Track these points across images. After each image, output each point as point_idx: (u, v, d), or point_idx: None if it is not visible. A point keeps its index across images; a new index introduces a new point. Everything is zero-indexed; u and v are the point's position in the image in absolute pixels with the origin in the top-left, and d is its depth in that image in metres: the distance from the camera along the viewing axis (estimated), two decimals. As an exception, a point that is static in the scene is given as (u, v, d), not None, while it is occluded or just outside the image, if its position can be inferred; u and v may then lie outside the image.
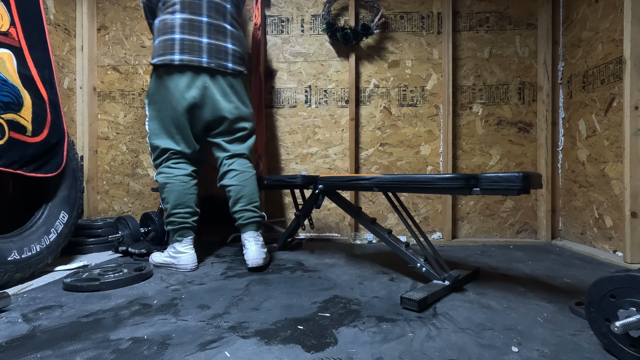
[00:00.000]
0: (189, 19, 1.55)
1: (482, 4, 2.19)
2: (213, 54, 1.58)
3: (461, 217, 2.20)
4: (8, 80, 1.36)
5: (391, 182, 1.24)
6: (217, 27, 1.60)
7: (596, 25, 1.85)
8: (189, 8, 1.55)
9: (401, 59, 2.22)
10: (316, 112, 2.26)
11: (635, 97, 1.57)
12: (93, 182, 2.31)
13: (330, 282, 1.36)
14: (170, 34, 1.54)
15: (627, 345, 0.75)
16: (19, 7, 1.44)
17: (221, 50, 1.60)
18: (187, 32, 1.54)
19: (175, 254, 1.54)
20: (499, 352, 0.82)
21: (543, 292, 1.22)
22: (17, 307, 1.11)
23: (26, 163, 1.39)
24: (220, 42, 1.60)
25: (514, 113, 2.18)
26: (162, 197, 1.59)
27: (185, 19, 1.54)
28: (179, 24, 1.54)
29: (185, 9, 1.55)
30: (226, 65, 1.61)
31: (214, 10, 1.60)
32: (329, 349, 0.84)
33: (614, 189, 1.74)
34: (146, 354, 0.82)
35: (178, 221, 1.55)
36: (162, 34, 1.56)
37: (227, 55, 1.62)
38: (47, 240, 1.46)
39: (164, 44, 1.54)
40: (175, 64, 1.52)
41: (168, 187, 1.56)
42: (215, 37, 1.59)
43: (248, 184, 1.61)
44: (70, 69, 2.20)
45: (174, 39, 1.53)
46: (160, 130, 1.60)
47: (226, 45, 1.62)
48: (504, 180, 1.00)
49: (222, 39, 1.61)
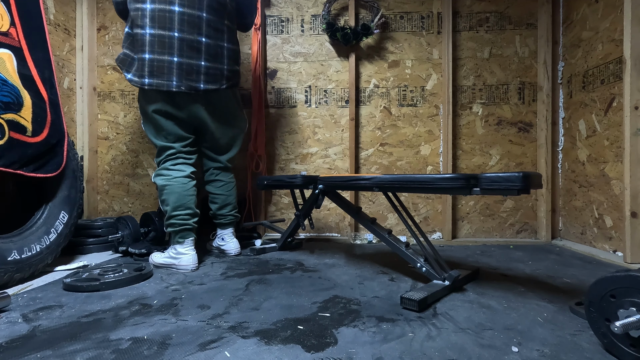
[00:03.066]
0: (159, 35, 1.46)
1: (482, 4, 2.19)
2: (184, 75, 1.49)
3: (461, 217, 2.20)
4: (8, 80, 1.36)
5: (391, 182, 1.24)
6: (189, 42, 1.49)
7: (596, 25, 1.85)
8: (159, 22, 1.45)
9: (401, 59, 2.22)
10: (316, 112, 2.26)
11: (635, 97, 1.57)
12: (93, 182, 2.31)
13: (330, 282, 1.36)
14: (140, 52, 1.47)
15: (627, 345, 0.75)
16: (19, 7, 1.44)
17: (192, 71, 1.50)
18: (157, 50, 1.46)
19: (176, 255, 1.54)
20: (499, 352, 0.82)
21: (543, 292, 1.22)
22: (17, 307, 1.11)
23: (26, 163, 1.39)
24: (192, 60, 1.50)
25: (514, 113, 2.18)
26: (162, 199, 1.58)
27: (155, 35, 1.45)
28: (149, 41, 1.45)
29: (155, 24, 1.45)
30: (197, 87, 1.52)
31: (187, 23, 1.48)
32: (329, 349, 0.84)
33: (614, 189, 1.74)
34: (146, 354, 0.82)
35: (179, 223, 1.55)
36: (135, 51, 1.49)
37: (199, 75, 1.52)
38: (47, 240, 1.45)
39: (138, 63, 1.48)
40: (145, 88, 1.49)
41: (167, 189, 1.56)
42: (188, 54, 1.49)
43: (232, 194, 1.83)
44: (70, 69, 2.20)
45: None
46: (152, 132, 1.61)
47: (199, 63, 1.52)
48: (504, 180, 1.00)
49: (195, 55, 1.51)
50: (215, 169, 1.80)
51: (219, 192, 1.79)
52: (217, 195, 1.79)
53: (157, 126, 1.59)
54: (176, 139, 1.61)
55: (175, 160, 1.61)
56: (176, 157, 1.62)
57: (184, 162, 1.63)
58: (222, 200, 1.79)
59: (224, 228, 1.82)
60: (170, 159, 1.61)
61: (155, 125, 1.59)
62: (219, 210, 1.79)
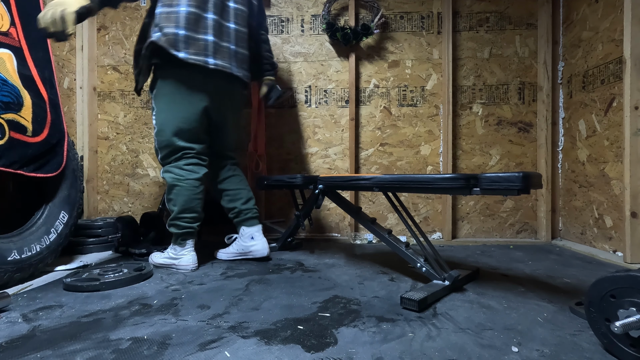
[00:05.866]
0: (218, 20, 1.53)
1: (482, 4, 2.19)
2: (238, 61, 1.60)
3: (461, 217, 2.20)
4: (8, 80, 1.36)
5: (391, 182, 1.24)
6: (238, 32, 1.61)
7: (596, 25, 1.85)
8: (220, 10, 1.54)
9: (401, 59, 2.22)
10: (316, 112, 2.26)
11: (635, 97, 1.57)
12: (93, 182, 2.31)
13: (330, 282, 1.36)
14: (203, 34, 1.48)
15: (627, 345, 0.75)
16: (19, 7, 1.44)
17: (239, 58, 1.61)
18: (217, 36, 1.52)
19: (176, 255, 1.54)
20: (499, 352, 0.82)
21: (543, 292, 1.22)
22: (17, 307, 1.11)
23: (26, 163, 1.39)
24: (239, 48, 1.62)
25: (514, 113, 2.18)
26: (169, 197, 1.54)
27: (216, 21, 1.52)
28: (211, 25, 1.50)
29: (217, 11, 1.52)
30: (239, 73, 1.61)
31: (240, 17, 1.61)
32: (329, 349, 0.84)
33: (614, 189, 1.74)
34: (146, 354, 0.82)
35: (183, 225, 1.53)
36: (191, 30, 1.45)
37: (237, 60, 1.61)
38: (47, 240, 1.46)
39: (195, 42, 1.46)
40: (210, 67, 1.48)
41: (177, 190, 1.52)
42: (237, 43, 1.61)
43: (248, 187, 1.78)
44: (70, 69, 2.20)
45: (207, 40, 1.49)
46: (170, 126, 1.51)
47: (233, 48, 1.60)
48: (504, 180, 1.00)
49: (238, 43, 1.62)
50: (231, 165, 1.76)
51: (240, 186, 1.73)
52: (239, 190, 1.72)
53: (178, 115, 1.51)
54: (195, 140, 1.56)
55: (189, 160, 1.56)
56: (190, 156, 1.56)
57: (198, 164, 1.58)
58: (245, 194, 1.72)
59: (252, 224, 1.70)
60: (184, 158, 1.55)
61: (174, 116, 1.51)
62: (244, 205, 1.71)
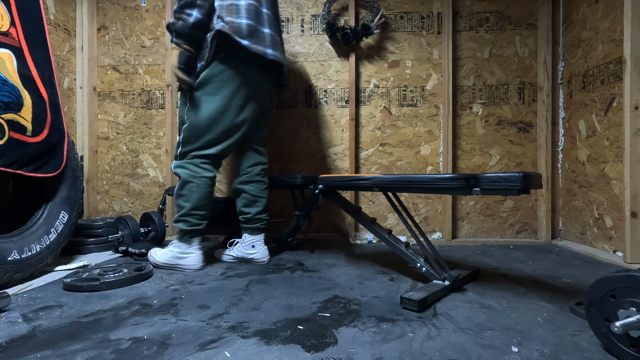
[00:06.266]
0: (270, 15, 1.59)
1: (482, 4, 2.19)
2: (284, 56, 1.67)
3: (461, 217, 2.20)
4: (8, 80, 1.36)
5: (391, 182, 1.24)
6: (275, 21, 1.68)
7: (596, 25, 1.85)
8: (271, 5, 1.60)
9: (401, 59, 2.22)
10: (316, 112, 2.26)
11: (635, 97, 1.57)
12: (93, 182, 2.31)
13: (330, 282, 1.36)
14: (261, 26, 1.52)
15: (627, 345, 0.75)
16: (19, 7, 1.44)
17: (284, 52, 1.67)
18: (272, 29, 1.56)
19: (181, 254, 1.53)
20: (499, 352, 0.82)
21: (543, 292, 1.22)
22: (17, 307, 1.11)
23: (26, 163, 1.39)
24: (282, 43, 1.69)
25: (514, 113, 2.18)
26: (181, 193, 1.51)
27: (269, 15, 1.57)
28: (266, 18, 1.55)
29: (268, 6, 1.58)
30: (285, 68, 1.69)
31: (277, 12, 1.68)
32: (329, 349, 0.84)
33: (614, 189, 1.74)
34: (146, 354, 0.82)
35: (193, 222, 1.52)
36: (253, 20, 1.48)
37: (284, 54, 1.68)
38: (47, 240, 1.46)
39: (256, 33, 1.48)
40: (269, 57, 1.51)
41: (191, 186, 1.50)
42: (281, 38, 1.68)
43: (267, 196, 1.75)
44: (70, 69, 2.20)
45: (264, 32, 1.52)
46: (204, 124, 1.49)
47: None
48: (504, 180, 1.00)
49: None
50: (262, 170, 1.72)
51: (262, 194, 1.70)
52: (260, 199, 1.70)
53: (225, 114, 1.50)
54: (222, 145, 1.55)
55: (206, 160, 1.55)
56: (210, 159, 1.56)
57: (214, 165, 1.57)
58: (263, 204, 1.70)
59: (257, 234, 1.70)
60: (203, 158, 1.54)
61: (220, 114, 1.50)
62: (259, 215, 1.69)
